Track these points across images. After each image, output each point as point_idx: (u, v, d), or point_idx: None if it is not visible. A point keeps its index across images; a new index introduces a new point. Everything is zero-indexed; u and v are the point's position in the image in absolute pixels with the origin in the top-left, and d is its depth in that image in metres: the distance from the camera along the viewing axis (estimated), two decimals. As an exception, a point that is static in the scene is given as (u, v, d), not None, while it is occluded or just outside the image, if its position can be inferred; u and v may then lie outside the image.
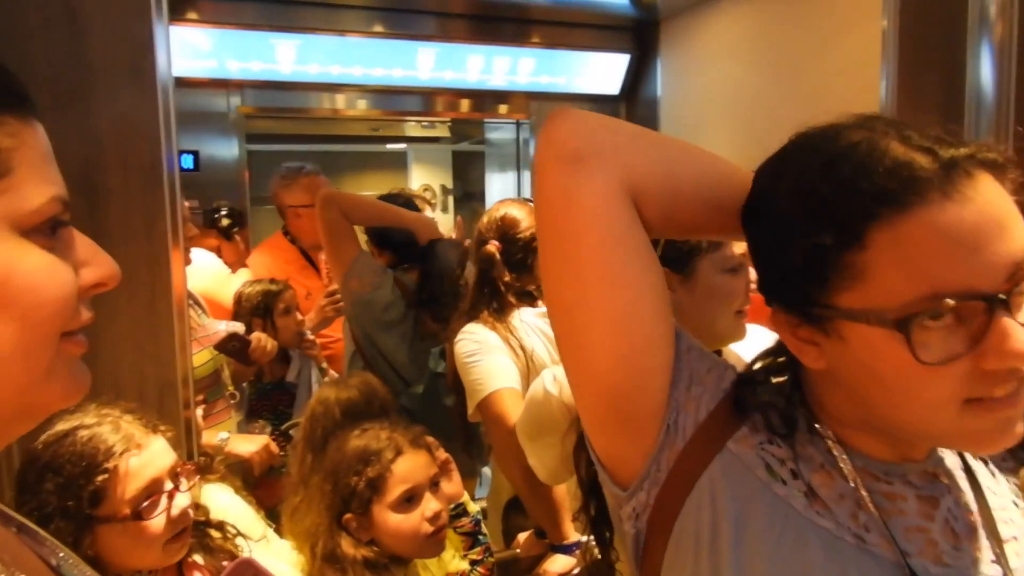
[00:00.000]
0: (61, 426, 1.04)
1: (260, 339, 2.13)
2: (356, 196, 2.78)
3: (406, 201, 2.62)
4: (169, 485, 1.08)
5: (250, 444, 2.01)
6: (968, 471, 0.65)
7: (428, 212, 2.81)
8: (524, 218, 1.75)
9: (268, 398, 2.37)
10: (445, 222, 6.28)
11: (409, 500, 1.24)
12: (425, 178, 6.47)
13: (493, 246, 1.72)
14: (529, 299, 1.77)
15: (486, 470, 2.60)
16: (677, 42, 3.46)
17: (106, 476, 1.00)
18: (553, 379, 1.31)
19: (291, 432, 2.12)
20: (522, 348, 1.68)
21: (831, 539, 0.59)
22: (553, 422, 1.27)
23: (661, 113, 3.55)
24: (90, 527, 0.99)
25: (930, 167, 0.50)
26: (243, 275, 2.70)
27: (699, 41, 3.32)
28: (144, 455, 1.04)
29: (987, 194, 0.50)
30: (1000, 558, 0.61)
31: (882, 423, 0.60)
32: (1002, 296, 0.49)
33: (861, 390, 0.58)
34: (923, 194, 0.50)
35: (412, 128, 5.34)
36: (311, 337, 2.46)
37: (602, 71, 3.60)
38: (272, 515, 1.47)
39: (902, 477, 0.63)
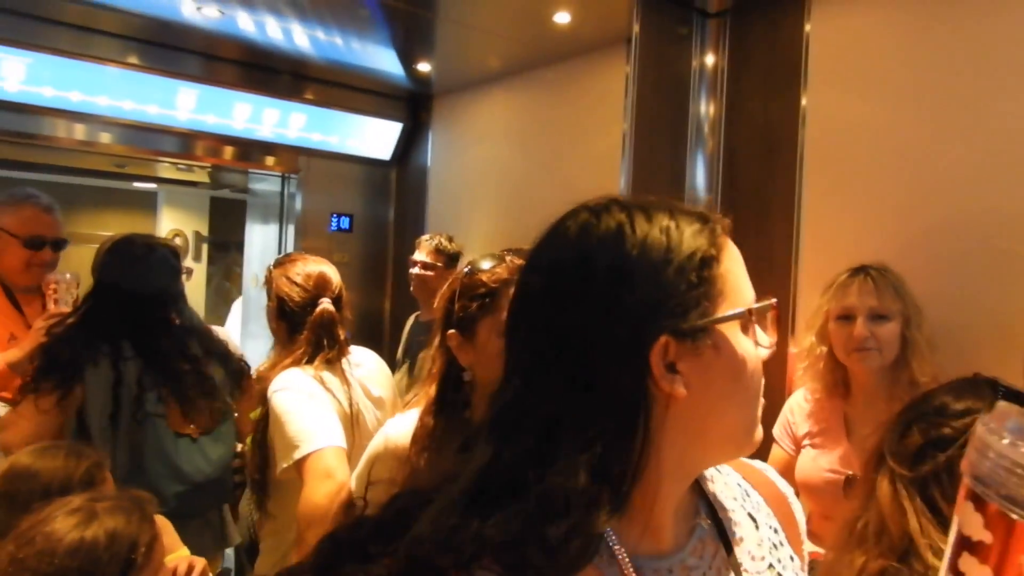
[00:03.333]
0: None
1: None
2: None
3: (154, 248, 2.31)
4: None
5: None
6: (724, 540, 0.72)
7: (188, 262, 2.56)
8: (334, 275, 1.90)
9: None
10: (198, 271, 5.84)
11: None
12: (177, 223, 5.97)
13: (328, 305, 1.83)
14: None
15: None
16: (448, 116, 3.64)
17: None
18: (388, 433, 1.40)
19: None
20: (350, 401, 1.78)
21: None
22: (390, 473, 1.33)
23: (429, 182, 3.68)
24: None
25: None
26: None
27: (469, 118, 3.52)
28: None
29: None
30: None
31: (710, 447, 0.67)
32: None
33: (712, 402, 0.65)
34: (728, 233, 0.68)
35: (165, 169, 4.91)
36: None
37: (375, 136, 3.66)
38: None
39: (679, 565, 0.68)
